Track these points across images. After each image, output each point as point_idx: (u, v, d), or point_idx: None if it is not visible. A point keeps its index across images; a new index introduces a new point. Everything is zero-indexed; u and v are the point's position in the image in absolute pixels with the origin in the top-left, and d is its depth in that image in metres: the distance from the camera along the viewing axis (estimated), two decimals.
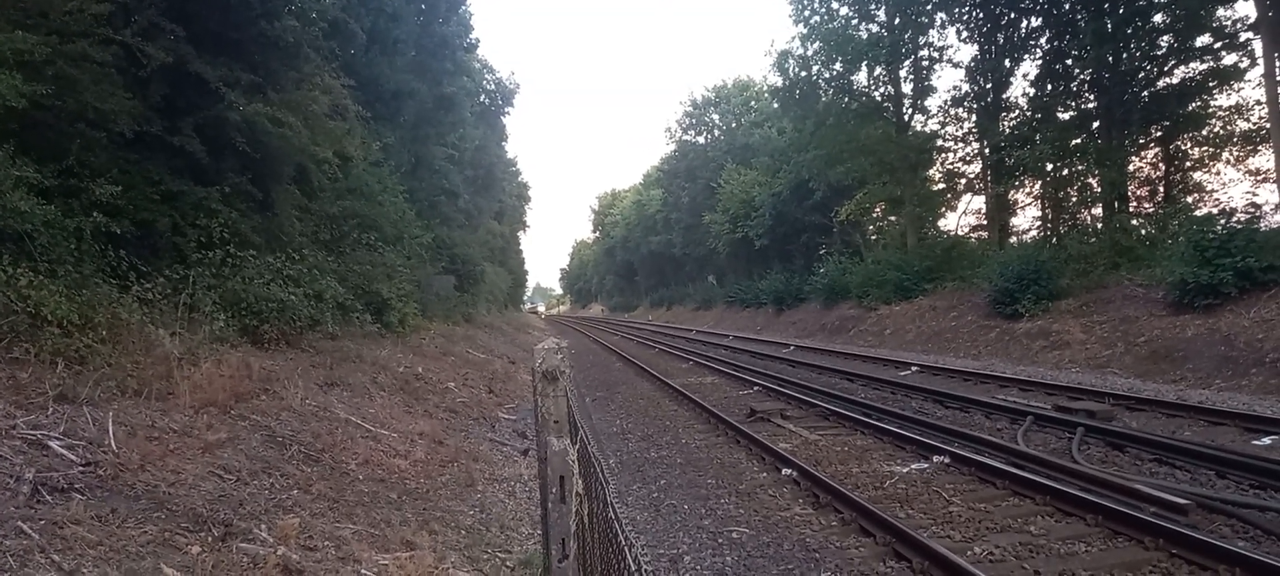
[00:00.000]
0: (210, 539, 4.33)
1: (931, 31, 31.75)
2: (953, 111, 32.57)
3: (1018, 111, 29.38)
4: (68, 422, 5.13)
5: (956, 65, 31.82)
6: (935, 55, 32.23)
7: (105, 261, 7.88)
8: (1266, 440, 8.63)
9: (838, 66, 34.16)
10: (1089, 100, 26.09)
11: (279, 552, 4.28)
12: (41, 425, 4.96)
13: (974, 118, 31.36)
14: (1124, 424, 9.79)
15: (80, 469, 4.61)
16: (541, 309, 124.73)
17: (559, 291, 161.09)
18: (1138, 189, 25.76)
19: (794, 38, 38.63)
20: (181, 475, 5.05)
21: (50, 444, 4.75)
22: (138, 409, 5.92)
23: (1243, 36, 21.50)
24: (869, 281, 31.26)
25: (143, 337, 7.14)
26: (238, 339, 9.15)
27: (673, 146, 68.91)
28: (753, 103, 60.65)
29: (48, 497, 4.16)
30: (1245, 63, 21.86)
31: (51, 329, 6.10)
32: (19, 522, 3.78)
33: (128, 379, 6.28)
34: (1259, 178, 22.69)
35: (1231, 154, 23.75)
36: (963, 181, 33.28)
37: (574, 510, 2.59)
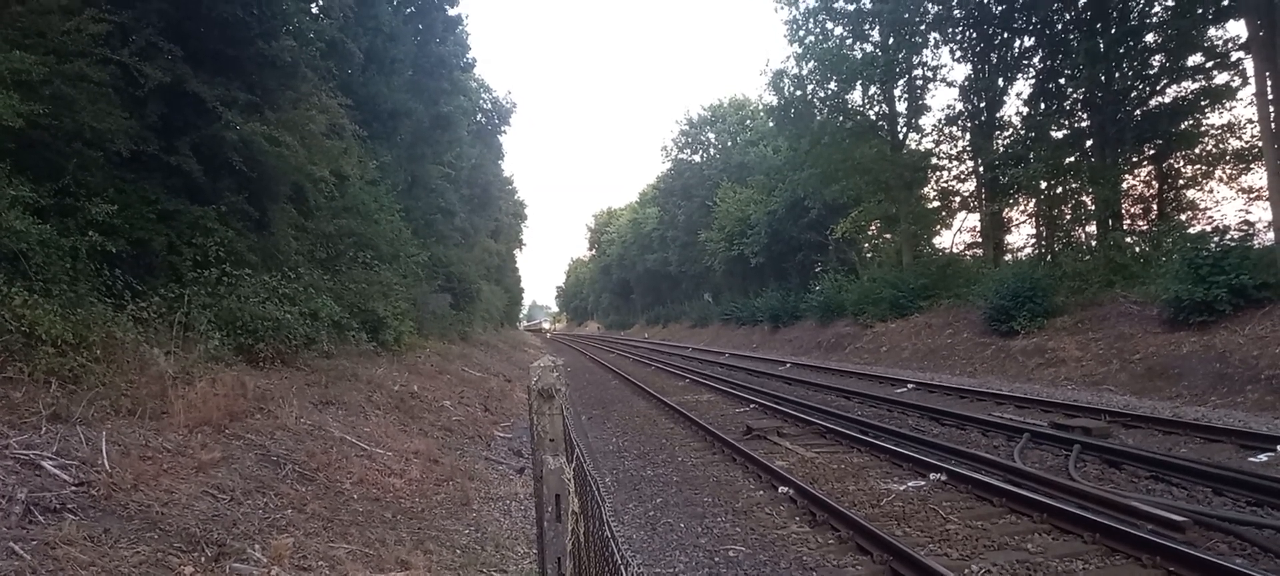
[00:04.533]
0: (203, 559, 4.31)
1: (925, 51, 31.91)
2: (947, 130, 32.73)
3: (1011, 130, 29.49)
4: (61, 442, 5.10)
5: (950, 84, 32.06)
6: (929, 75, 32.41)
7: (100, 280, 7.87)
8: (1263, 457, 8.63)
9: (832, 86, 34.29)
10: (1082, 119, 26.23)
11: (273, 572, 4.26)
12: (35, 445, 4.93)
13: (968, 136, 31.52)
14: (1120, 441, 9.79)
15: (73, 489, 4.58)
16: (547, 325, 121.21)
17: (555, 309, 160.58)
18: (1131, 207, 25.84)
19: (789, 57, 38.85)
20: (175, 495, 5.02)
21: (43, 464, 4.72)
22: (131, 428, 5.90)
23: (1234, 56, 21.66)
24: (864, 299, 31.28)
25: (137, 357, 7.12)
26: (233, 358, 9.13)
27: (669, 165, 69.09)
28: (748, 122, 60.90)
29: (40, 518, 4.13)
30: (1237, 82, 22.00)
31: (46, 348, 6.08)
32: (11, 543, 3.75)
33: (122, 398, 6.26)
34: (1252, 195, 22.77)
35: (1224, 172, 23.84)
36: (957, 199, 33.38)
37: (570, 529, 2.58)
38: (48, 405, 5.51)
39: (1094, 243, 25.46)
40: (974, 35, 29.32)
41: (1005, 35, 28.42)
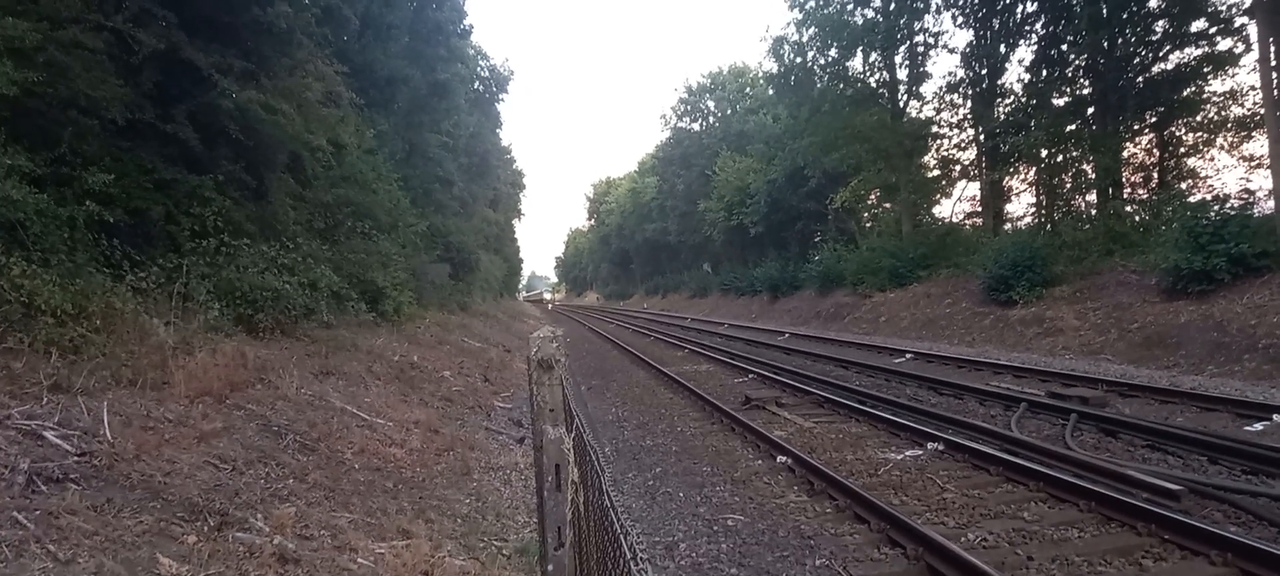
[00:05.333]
0: (206, 528, 4.34)
1: (927, 17, 31.64)
2: (948, 98, 32.56)
3: (1013, 97, 29.34)
4: (62, 413, 5.12)
5: (952, 51, 31.92)
6: (930, 41, 32.18)
7: (99, 250, 7.85)
8: (1258, 426, 8.68)
9: (833, 52, 34.05)
10: (1084, 86, 26.06)
11: (275, 542, 4.29)
12: (36, 415, 4.95)
13: (969, 104, 31.35)
14: (1117, 410, 9.84)
15: (75, 459, 4.60)
16: (548, 296, 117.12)
17: (554, 279, 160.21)
18: (1132, 175, 25.77)
19: (789, 23, 38.52)
20: (177, 465, 5.04)
21: (45, 434, 4.74)
22: (133, 399, 5.91)
23: (1238, 22, 21.49)
24: (864, 268, 31.28)
25: (137, 327, 7.12)
26: (232, 328, 9.13)
27: (668, 133, 68.80)
28: (748, 89, 60.53)
29: (43, 488, 4.16)
30: (1240, 48, 21.85)
31: (45, 319, 6.08)
32: (14, 513, 3.78)
33: (122, 369, 6.27)
34: (1253, 164, 22.70)
35: (1225, 140, 23.73)
36: (957, 168, 33.28)
37: (570, 498, 2.59)
38: (48, 375, 5.53)
39: (1094, 211, 25.43)
40: (976, 0, 29.02)
41: (1008, 0, 28.13)
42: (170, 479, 4.82)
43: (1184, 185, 24.03)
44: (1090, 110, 25.63)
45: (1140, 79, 23.96)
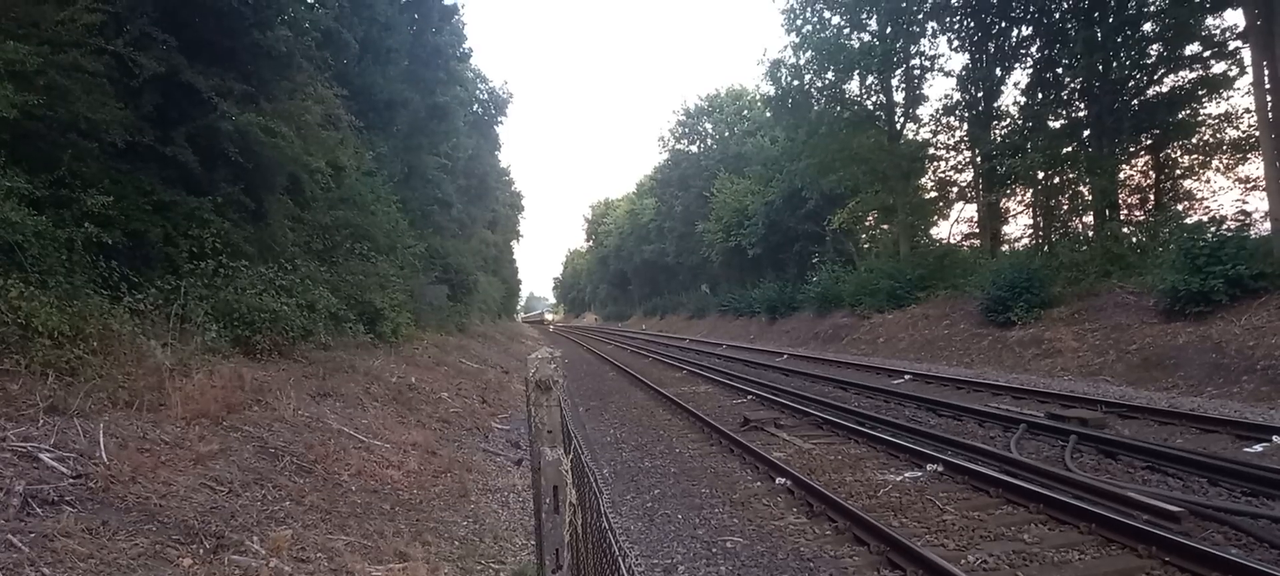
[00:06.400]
0: (202, 551, 4.31)
1: (923, 41, 31.90)
2: (944, 120, 32.70)
3: (1009, 120, 29.49)
4: (58, 434, 5.09)
5: (948, 74, 32.04)
6: (927, 64, 32.35)
7: (97, 272, 7.83)
8: (1258, 447, 8.67)
9: (830, 76, 34.24)
10: (1080, 109, 26.21)
11: (271, 564, 4.26)
12: (32, 437, 4.93)
13: (965, 126, 31.49)
14: (1116, 431, 9.82)
15: (71, 481, 4.58)
16: (549, 317, 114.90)
17: (552, 300, 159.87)
18: (1128, 197, 25.86)
19: (786, 47, 38.88)
20: (173, 487, 5.02)
21: (41, 456, 4.72)
22: (129, 420, 5.89)
23: (1232, 45, 21.66)
24: (862, 290, 31.30)
25: (134, 349, 7.10)
26: (230, 349, 9.11)
27: (666, 155, 69.03)
28: (746, 112, 60.78)
29: (38, 510, 4.13)
30: (1235, 71, 22.00)
31: (42, 340, 6.06)
32: (9, 535, 3.75)
33: (119, 390, 6.24)
34: (1249, 185, 22.80)
35: (1221, 162, 23.85)
36: (955, 190, 33.39)
37: (568, 520, 2.59)
38: (45, 397, 5.50)
39: (1091, 233, 25.49)
40: (972, 24, 29.28)
41: (1003, 24, 28.39)
42: (166, 501, 4.79)
43: (1180, 207, 24.09)
44: (1086, 132, 25.74)
45: (1136, 102, 24.10)
